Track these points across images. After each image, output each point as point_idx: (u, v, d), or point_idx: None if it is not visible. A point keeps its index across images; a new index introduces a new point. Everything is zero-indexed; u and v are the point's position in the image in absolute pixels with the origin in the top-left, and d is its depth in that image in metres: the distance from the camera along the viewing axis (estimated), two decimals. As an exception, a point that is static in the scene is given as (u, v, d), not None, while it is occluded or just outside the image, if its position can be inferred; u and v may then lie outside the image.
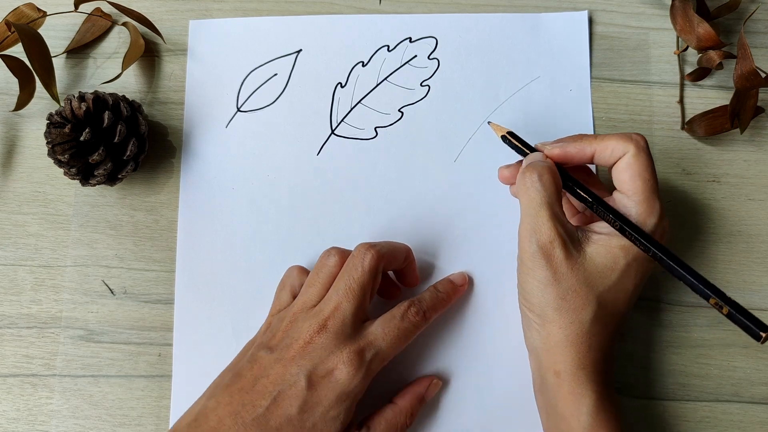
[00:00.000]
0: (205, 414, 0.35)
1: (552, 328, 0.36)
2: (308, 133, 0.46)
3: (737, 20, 0.47)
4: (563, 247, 0.35)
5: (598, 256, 0.36)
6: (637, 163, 0.36)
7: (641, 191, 0.36)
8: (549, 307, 0.36)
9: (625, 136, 0.37)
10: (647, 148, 0.37)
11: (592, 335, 0.36)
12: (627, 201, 0.36)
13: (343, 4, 0.48)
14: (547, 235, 0.36)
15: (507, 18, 0.47)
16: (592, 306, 0.35)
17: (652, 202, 0.36)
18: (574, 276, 0.36)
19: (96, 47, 0.48)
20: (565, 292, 0.36)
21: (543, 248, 0.36)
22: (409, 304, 0.39)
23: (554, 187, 0.37)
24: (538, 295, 0.36)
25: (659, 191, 0.37)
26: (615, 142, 0.37)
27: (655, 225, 0.36)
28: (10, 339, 0.44)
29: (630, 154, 0.36)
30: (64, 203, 0.46)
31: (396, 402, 0.39)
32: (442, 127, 0.46)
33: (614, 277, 0.36)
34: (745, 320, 0.32)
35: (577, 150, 0.38)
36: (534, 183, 0.37)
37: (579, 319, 0.35)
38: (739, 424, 0.42)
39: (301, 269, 0.41)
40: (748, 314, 0.32)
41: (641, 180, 0.36)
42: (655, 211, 0.36)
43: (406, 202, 0.45)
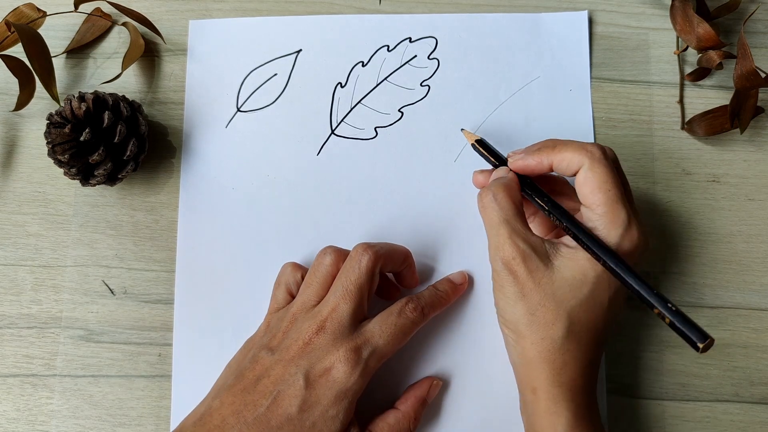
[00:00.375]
0: (209, 413, 0.35)
1: (525, 344, 0.36)
2: (308, 133, 0.46)
3: (737, 20, 0.47)
4: (526, 262, 0.35)
5: (566, 269, 0.35)
6: (594, 176, 0.35)
7: (602, 203, 0.35)
8: (520, 323, 0.36)
9: (579, 147, 0.36)
10: (605, 158, 0.35)
11: (566, 351, 0.35)
12: (590, 214, 0.36)
13: (343, 4, 0.48)
14: (508, 253, 0.36)
15: (507, 18, 0.47)
16: (562, 321, 0.35)
17: (615, 212, 0.35)
18: (541, 291, 0.35)
19: (96, 47, 0.48)
20: (534, 307, 0.35)
21: (507, 265, 0.36)
22: (407, 300, 0.39)
23: (510, 204, 0.37)
24: (510, 311, 0.36)
25: (626, 200, 0.35)
26: (570, 154, 0.36)
27: (621, 236, 0.35)
28: (10, 339, 0.44)
29: (585, 168, 0.35)
30: (64, 203, 0.46)
31: (399, 407, 0.39)
32: (442, 127, 0.46)
33: (585, 290, 0.35)
34: (685, 331, 0.31)
35: (536, 162, 0.37)
36: (490, 203, 0.37)
37: (550, 335, 0.35)
38: (739, 424, 0.42)
39: (294, 266, 0.41)
40: (690, 325, 0.31)
41: (601, 192, 0.35)
42: (620, 221, 0.35)
43: (406, 202, 0.45)
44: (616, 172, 0.36)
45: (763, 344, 0.43)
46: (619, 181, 0.36)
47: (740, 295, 0.44)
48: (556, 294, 0.35)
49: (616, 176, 0.36)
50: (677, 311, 0.32)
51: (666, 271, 0.44)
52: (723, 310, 0.44)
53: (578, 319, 0.35)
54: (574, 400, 0.35)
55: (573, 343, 0.35)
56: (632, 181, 0.45)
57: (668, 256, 0.44)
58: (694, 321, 0.31)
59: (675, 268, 0.44)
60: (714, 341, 0.31)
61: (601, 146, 0.36)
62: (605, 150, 0.36)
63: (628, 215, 0.35)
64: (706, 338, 0.30)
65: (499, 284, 0.37)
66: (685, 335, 0.31)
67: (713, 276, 0.44)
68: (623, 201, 0.35)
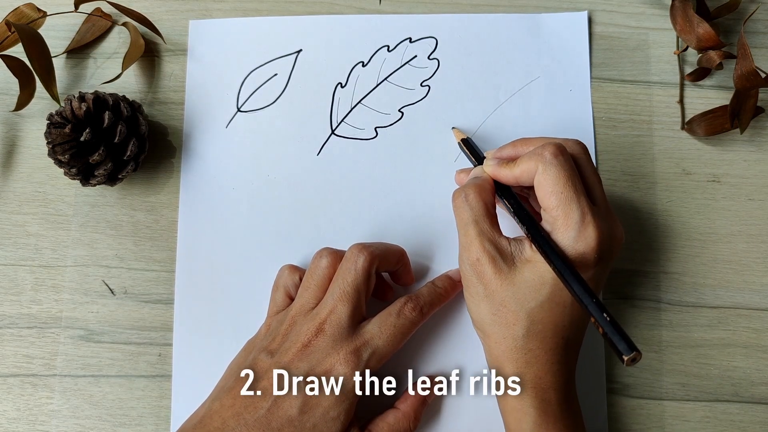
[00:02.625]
0: (209, 416, 0.36)
1: (490, 343, 0.37)
2: (308, 133, 0.46)
3: (737, 20, 0.47)
4: (491, 263, 0.35)
5: (527, 271, 0.35)
6: (545, 179, 0.35)
7: (555, 206, 0.35)
8: (485, 322, 0.36)
9: (533, 155, 0.36)
10: (556, 158, 0.35)
11: (528, 351, 0.35)
12: (548, 216, 0.35)
13: (343, 4, 0.48)
14: (475, 253, 0.36)
15: (507, 18, 0.47)
16: (522, 321, 0.35)
17: (568, 214, 0.34)
18: (504, 291, 0.35)
19: (96, 47, 0.48)
20: (496, 307, 0.36)
21: (473, 265, 0.36)
22: (405, 300, 0.39)
23: (481, 205, 0.37)
24: (475, 310, 0.37)
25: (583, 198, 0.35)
26: (526, 165, 0.36)
27: (575, 237, 0.34)
28: (11, 339, 0.44)
29: (538, 172, 0.35)
30: (64, 203, 0.46)
31: (399, 407, 0.39)
32: (442, 127, 0.46)
33: (545, 291, 0.35)
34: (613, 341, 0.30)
35: (504, 175, 0.38)
36: (462, 203, 0.37)
37: (511, 334, 0.35)
38: (739, 424, 0.42)
39: (292, 268, 0.41)
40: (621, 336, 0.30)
41: (554, 195, 0.34)
42: (573, 223, 0.34)
43: (406, 202, 0.45)
44: (572, 170, 0.35)
45: (763, 344, 0.43)
46: (574, 180, 0.35)
47: (740, 295, 0.44)
48: (516, 294, 0.35)
49: (571, 175, 0.35)
50: (611, 321, 0.31)
51: (666, 271, 0.44)
52: (723, 310, 0.44)
53: (539, 319, 0.35)
54: (540, 397, 0.35)
55: (535, 342, 0.35)
56: (632, 181, 0.45)
57: (668, 256, 0.44)
58: (625, 333, 0.30)
59: (675, 268, 0.44)
60: (641, 355, 0.30)
61: (556, 145, 0.35)
62: (559, 148, 0.35)
63: (582, 214, 0.34)
64: (632, 350, 0.30)
65: (466, 284, 0.37)
66: (614, 346, 0.30)
67: (713, 276, 0.44)
68: (577, 200, 0.34)
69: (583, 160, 0.37)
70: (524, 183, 0.37)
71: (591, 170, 0.37)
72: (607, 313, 0.31)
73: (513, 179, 0.37)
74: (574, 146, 0.37)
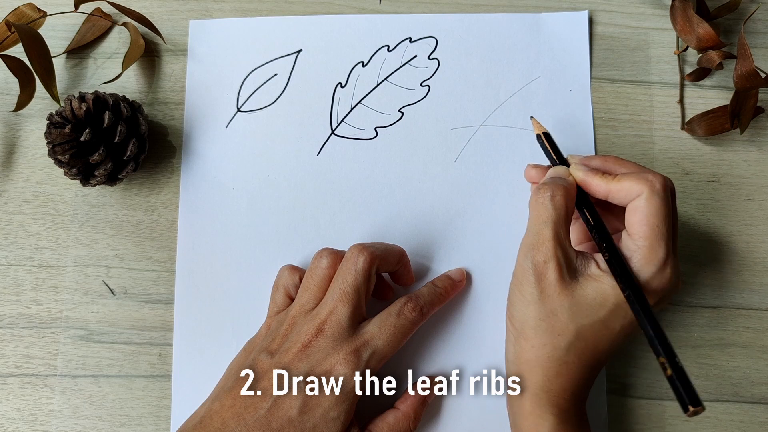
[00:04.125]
0: (209, 416, 0.36)
1: (525, 345, 0.36)
2: (308, 133, 0.46)
3: (737, 20, 0.47)
4: (557, 270, 0.35)
5: (590, 289, 0.35)
6: (648, 207, 0.34)
7: (646, 237, 0.34)
8: (528, 324, 0.36)
9: (641, 178, 0.35)
10: (664, 192, 0.35)
11: (563, 363, 0.35)
12: (630, 243, 0.35)
13: (343, 4, 0.48)
14: (543, 254, 0.35)
15: (507, 18, 0.47)
16: (569, 335, 0.35)
17: (655, 249, 0.34)
18: (559, 301, 0.35)
19: (96, 47, 0.48)
20: (546, 314, 0.35)
21: (537, 266, 0.36)
22: (405, 300, 0.39)
23: (564, 209, 0.36)
24: (521, 309, 0.36)
25: (670, 239, 0.35)
26: (630, 184, 0.35)
27: (654, 273, 0.34)
28: (11, 339, 0.44)
29: (642, 197, 0.34)
30: (64, 203, 0.46)
31: (399, 407, 0.39)
32: (442, 127, 0.46)
33: (601, 314, 0.35)
34: (681, 390, 0.30)
35: (596, 185, 0.37)
36: (545, 200, 0.36)
37: (553, 343, 0.35)
38: (739, 424, 0.42)
39: (292, 268, 0.41)
40: (687, 385, 0.30)
41: (648, 226, 0.34)
42: (657, 259, 0.34)
43: (406, 202, 0.45)
44: (670, 207, 0.35)
45: (763, 344, 0.43)
46: (671, 219, 0.35)
47: (740, 295, 0.44)
48: (572, 308, 0.35)
49: (668, 212, 0.35)
50: (681, 368, 0.31)
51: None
52: (723, 310, 0.44)
53: (585, 338, 0.35)
54: (559, 406, 0.35)
55: (573, 357, 0.35)
56: (632, 181, 0.45)
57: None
58: (692, 383, 0.30)
59: (675, 268, 0.44)
60: (704, 409, 0.30)
61: (663, 177, 0.35)
62: (666, 182, 0.35)
63: (666, 255, 0.34)
64: (698, 404, 0.29)
65: (520, 281, 0.36)
66: (679, 393, 0.30)
67: (713, 276, 0.44)
68: (666, 239, 0.34)
69: (673, 201, 0.37)
70: (614, 200, 0.36)
71: (676, 216, 0.37)
72: (678, 358, 0.31)
73: (605, 192, 0.36)
74: (670, 183, 0.37)
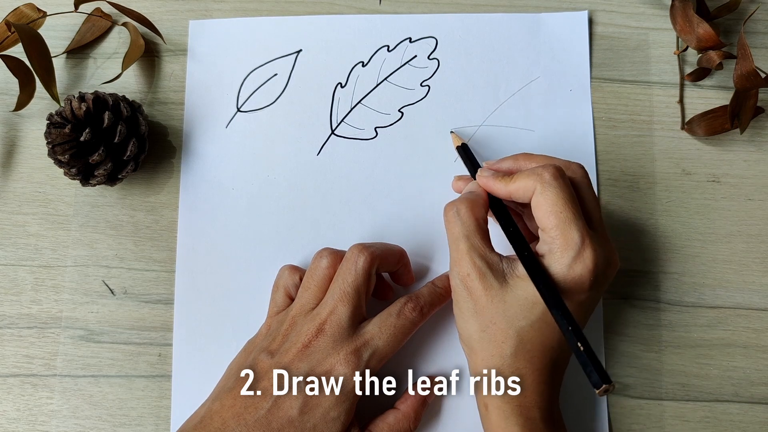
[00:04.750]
0: (210, 416, 0.36)
1: (477, 360, 0.36)
2: (308, 133, 0.46)
3: (737, 20, 0.47)
4: (481, 279, 0.35)
5: (519, 289, 0.35)
6: (544, 199, 0.34)
7: (554, 226, 0.34)
8: (473, 338, 0.36)
9: (531, 173, 0.35)
10: (555, 180, 0.35)
11: (515, 370, 0.35)
12: (545, 237, 0.35)
13: (343, 4, 0.48)
14: (465, 268, 0.36)
15: (507, 18, 0.47)
16: (512, 340, 0.35)
17: (567, 235, 0.34)
18: (493, 308, 0.35)
19: (96, 47, 0.48)
20: (485, 324, 0.35)
21: (463, 280, 0.36)
22: (405, 300, 0.39)
23: (472, 220, 0.37)
24: (463, 326, 0.37)
25: (582, 221, 0.34)
26: (524, 183, 0.36)
27: (573, 258, 0.34)
28: (11, 339, 0.44)
29: (537, 192, 0.35)
30: (64, 203, 0.46)
31: (398, 407, 0.39)
32: (442, 127, 0.46)
33: (537, 311, 0.35)
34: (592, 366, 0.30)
35: (497, 188, 0.37)
36: (453, 217, 0.37)
37: (500, 352, 0.35)
38: (739, 424, 0.42)
39: (292, 268, 0.41)
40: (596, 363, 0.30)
41: (552, 215, 0.34)
42: (572, 244, 0.34)
43: (406, 202, 0.45)
44: (571, 193, 0.35)
45: (763, 344, 0.43)
46: (573, 202, 0.35)
47: (740, 295, 0.44)
48: (507, 313, 0.35)
49: (569, 197, 0.35)
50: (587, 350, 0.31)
51: (666, 271, 0.44)
52: (723, 310, 0.44)
53: (528, 339, 0.35)
54: (524, 415, 0.35)
55: (522, 361, 0.35)
56: (632, 181, 0.45)
57: (668, 256, 0.44)
58: (600, 364, 0.30)
59: (675, 268, 0.44)
60: (614, 387, 0.30)
61: (554, 166, 0.35)
62: (558, 170, 0.35)
63: (581, 237, 0.34)
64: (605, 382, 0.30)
65: (456, 299, 0.37)
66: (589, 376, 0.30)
67: (713, 276, 0.44)
68: (576, 222, 0.34)
69: (583, 185, 0.37)
70: (518, 200, 0.37)
71: (590, 195, 0.37)
72: (583, 342, 0.31)
73: (506, 194, 0.37)
74: (576, 169, 0.37)
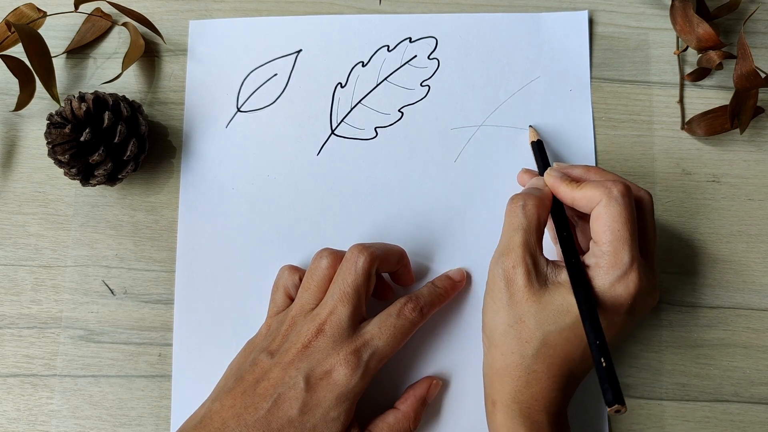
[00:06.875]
0: (209, 416, 0.36)
1: (496, 354, 0.36)
2: (308, 133, 0.46)
3: (737, 20, 0.47)
4: (525, 276, 0.35)
5: (557, 295, 0.35)
6: (607, 213, 0.35)
7: (608, 242, 0.34)
8: (497, 331, 0.36)
9: (600, 185, 0.36)
10: (623, 197, 0.35)
11: (531, 372, 0.35)
12: (597, 249, 0.35)
13: (343, 4, 0.48)
14: (513, 260, 0.36)
15: (507, 18, 0.47)
16: (536, 342, 0.35)
17: (618, 254, 0.34)
18: (527, 306, 0.35)
19: (96, 47, 0.48)
20: (514, 319, 0.35)
21: (506, 271, 0.36)
22: (405, 300, 0.39)
23: (535, 218, 0.37)
24: (491, 316, 0.37)
25: (635, 244, 0.35)
26: (591, 192, 0.36)
27: (617, 278, 0.34)
28: (11, 339, 0.44)
29: (601, 204, 0.35)
30: (64, 203, 0.46)
31: (398, 407, 0.39)
32: (442, 127, 0.46)
33: (568, 320, 0.35)
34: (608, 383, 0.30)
35: (563, 191, 0.37)
36: (517, 209, 0.37)
37: (520, 350, 0.35)
38: (739, 424, 0.42)
39: (292, 268, 0.41)
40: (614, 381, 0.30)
41: (609, 231, 0.34)
42: (620, 264, 0.34)
43: (406, 202, 0.45)
44: (633, 214, 0.35)
45: (763, 344, 0.43)
46: (633, 224, 0.35)
47: (740, 295, 0.44)
48: (539, 314, 0.35)
49: (630, 217, 0.35)
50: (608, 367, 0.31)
51: (666, 271, 0.44)
52: (723, 310, 0.44)
53: (552, 344, 0.35)
54: (531, 418, 0.35)
55: (541, 365, 0.35)
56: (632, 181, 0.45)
57: (668, 256, 0.44)
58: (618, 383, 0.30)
59: (675, 268, 0.44)
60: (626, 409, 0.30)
61: (624, 184, 0.36)
62: (627, 188, 0.35)
63: (631, 259, 0.34)
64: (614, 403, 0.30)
65: (491, 288, 0.37)
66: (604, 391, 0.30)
67: (713, 276, 0.44)
68: (630, 243, 0.34)
69: (647, 212, 0.37)
70: (580, 208, 0.37)
71: (651, 224, 0.37)
72: (606, 358, 0.31)
73: (570, 199, 0.37)
74: (644, 195, 0.37)
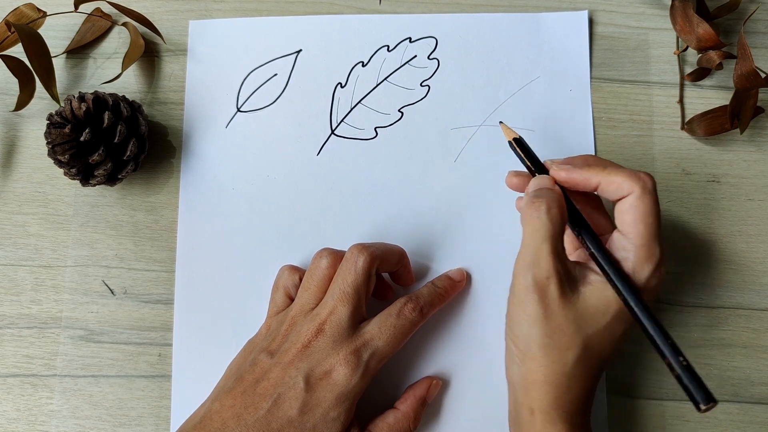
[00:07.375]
0: (209, 416, 0.36)
1: (533, 365, 0.35)
2: (308, 133, 0.46)
3: (737, 20, 0.47)
4: (559, 285, 0.34)
5: (591, 297, 0.35)
6: (642, 205, 0.34)
7: (642, 236, 0.34)
8: (534, 343, 0.35)
9: (632, 175, 0.35)
10: (654, 190, 0.35)
11: (572, 377, 0.34)
12: (626, 243, 0.35)
13: (343, 4, 0.48)
14: (545, 270, 0.34)
15: (507, 18, 0.47)
16: (577, 348, 0.34)
17: (651, 248, 0.34)
18: (564, 315, 0.34)
19: (96, 47, 0.48)
20: (552, 330, 0.34)
21: (538, 283, 0.34)
22: (405, 300, 0.39)
23: (561, 222, 0.35)
24: (526, 329, 0.35)
25: (661, 236, 0.35)
26: (621, 179, 0.35)
27: (651, 272, 0.34)
28: (10, 339, 0.44)
29: (635, 195, 0.34)
30: (64, 203, 0.46)
31: (398, 407, 0.39)
32: (442, 127, 0.46)
33: (605, 320, 0.34)
34: (691, 388, 0.30)
35: (583, 179, 0.36)
36: (541, 215, 0.35)
37: (562, 359, 0.34)
38: (739, 424, 0.42)
39: (292, 268, 0.41)
40: (697, 383, 0.30)
41: (643, 224, 0.34)
42: (653, 258, 0.34)
43: (406, 202, 0.45)
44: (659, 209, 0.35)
45: (763, 344, 0.43)
46: (660, 216, 0.35)
47: (740, 295, 0.44)
48: (577, 320, 0.34)
49: (659, 211, 0.35)
50: (688, 366, 0.30)
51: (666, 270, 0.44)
52: (723, 310, 0.44)
53: (592, 347, 0.34)
54: (570, 422, 0.35)
55: (581, 369, 0.34)
56: (632, 181, 0.45)
57: (668, 256, 0.44)
58: (702, 380, 0.30)
59: (675, 268, 0.44)
60: (717, 404, 0.30)
61: (651, 176, 0.35)
62: (654, 181, 0.35)
63: (662, 253, 0.34)
64: (710, 400, 0.29)
65: (521, 300, 0.35)
66: (689, 392, 0.30)
67: (713, 276, 0.44)
68: (660, 237, 0.34)
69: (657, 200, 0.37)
70: (605, 194, 0.36)
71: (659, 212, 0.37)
72: (683, 357, 0.30)
73: (595, 184, 0.36)
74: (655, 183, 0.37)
